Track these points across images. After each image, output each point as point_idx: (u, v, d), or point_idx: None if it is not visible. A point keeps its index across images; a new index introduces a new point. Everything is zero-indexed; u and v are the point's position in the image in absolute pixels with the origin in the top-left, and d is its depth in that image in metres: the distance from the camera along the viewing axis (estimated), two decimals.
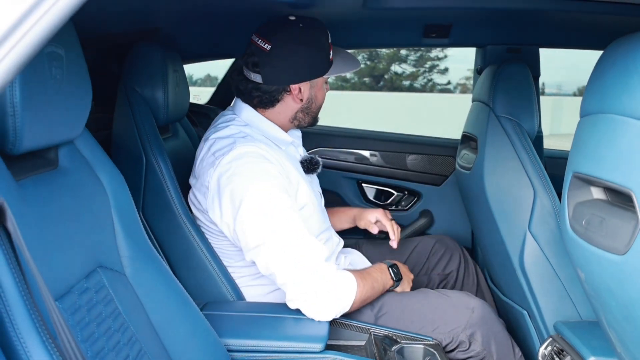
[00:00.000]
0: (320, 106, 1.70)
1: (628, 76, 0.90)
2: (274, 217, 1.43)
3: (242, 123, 1.61)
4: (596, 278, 0.98)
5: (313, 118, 1.70)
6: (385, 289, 1.59)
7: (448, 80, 11.58)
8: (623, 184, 0.88)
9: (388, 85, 11.97)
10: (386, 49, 11.26)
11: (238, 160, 1.47)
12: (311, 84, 1.62)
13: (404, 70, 11.75)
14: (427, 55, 11.29)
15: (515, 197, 1.65)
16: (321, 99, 1.68)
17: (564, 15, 1.90)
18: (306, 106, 1.64)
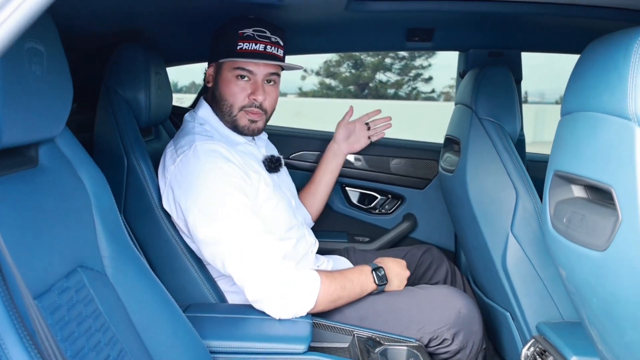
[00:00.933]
0: (225, 99, 1.62)
1: (607, 75, 0.91)
2: (228, 215, 1.43)
3: (201, 121, 1.65)
4: (577, 275, 0.99)
5: (225, 114, 1.63)
6: (364, 292, 1.57)
7: (432, 89, 11.69)
8: (603, 180, 0.89)
9: (373, 93, 12.05)
10: (371, 57, 11.33)
11: (196, 158, 1.49)
12: (216, 69, 1.65)
13: (388, 79, 11.84)
14: (412, 64, 11.38)
15: (497, 199, 1.67)
16: (225, 90, 1.61)
17: (544, 20, 1.92)
18: (214, 93, 1.65)
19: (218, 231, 1.43)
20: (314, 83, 12.06)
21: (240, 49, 1.57)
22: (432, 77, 11.45)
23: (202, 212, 1.45)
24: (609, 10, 1.67)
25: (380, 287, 1.59)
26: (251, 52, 1.57)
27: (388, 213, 2.43)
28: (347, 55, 11.30)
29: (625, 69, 0.87)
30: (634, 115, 0.84)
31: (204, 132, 1.59)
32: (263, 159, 1.68)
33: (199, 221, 1.45)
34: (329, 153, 2.11)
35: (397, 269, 1.66)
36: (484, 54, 2.19)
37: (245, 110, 1.62)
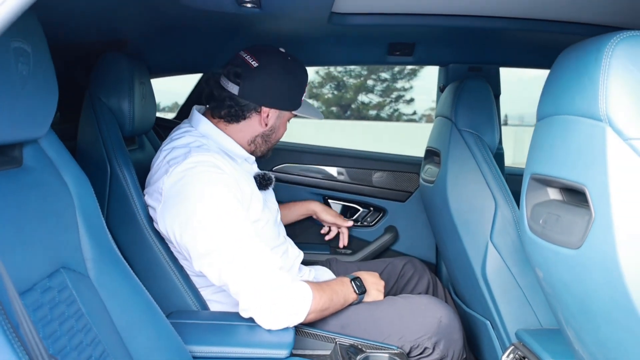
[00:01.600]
0: (278, 140, 1.75)
1: (579, 79, 0.95)
2: (226, 224, 1.43)
3: (198, 134, 1.63)
4: (553, 274, 1.02)
5: (268, 149, 1.74)
6: (347, 302, 1.59)
7: (414, 111, 11.82)
8: (577, 180, 0.93)
9: (355, 115, 12.14)
10: (353, 79, 11.44)
11: (192, 168, 1.48)
12: (279, 114, 1.66)
13: (370, 100, 11.94)
14: (394, 86, 11.51)
15: (477, 208, 1.69)
16: (281, 133, 1.73)
17: (521, 35, 1.97)
18: (267, 134, 1.68)
19: (214, 242, 1.42)
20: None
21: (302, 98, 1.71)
22: (413, 99, 11.58)
23: (200, 222, 1.44)
24: (582, 27, 1.73)
25: (360, 297, 1.61)
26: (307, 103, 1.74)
27: (370, 225, 2.45)
28: (330, 76, 11.39)
29: (596, 72, 0.90)
30: (604, 116, 0.88)
31: (202, 145, 1.59)
32: (254, 175, 1.69)
33: (194, 232, 1.44)
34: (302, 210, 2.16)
35: (372, 279, 1.69)
36: (463, 69, 2.24)
37: None
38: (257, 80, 1.59)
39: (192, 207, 1.45)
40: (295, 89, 1.65)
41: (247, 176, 1.64)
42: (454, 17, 1.78)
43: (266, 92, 1.61)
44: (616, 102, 0.87)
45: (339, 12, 1.72)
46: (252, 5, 1.45)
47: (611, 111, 0.87)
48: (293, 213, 2.14)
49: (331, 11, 1.68)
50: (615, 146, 0.86)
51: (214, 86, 1.63)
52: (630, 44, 0.90)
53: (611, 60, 0.89)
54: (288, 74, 1.62)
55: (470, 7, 1.71)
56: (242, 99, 1.60)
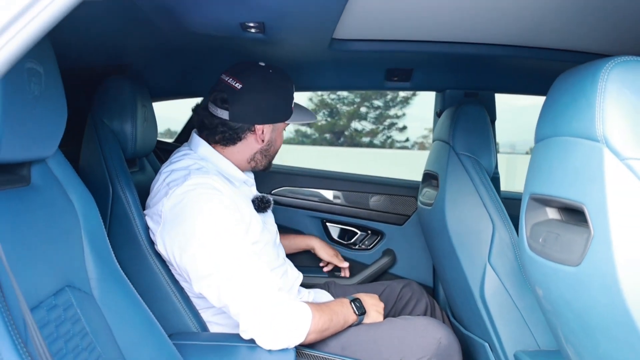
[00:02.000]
0: (277, 150, 1.76)
1: (577, 102, 0.98)
2: (225, 246, 1.44)
3: (197, 157, 1.65)
4: (553, 291, 1.04)
5: (269, 162, 1.76)
6: (347, 323, 1.59)
7: (407, 138, 11.90)
8: (575, 199, 0.95)
9: (348, 142, 12.20)
10: (346, 106, 11.54)
11: (191, 191, 1.49)
12: (273, 127, 1.68)
13: (363, 127, 12.02)
14: (386, 113, 11.60)
15: (475, 230, 1.71)
16: (279, 144, 1.75)
17: (516, 62, 2.02)
18: (266, 148, 1.69)
19: (216, 262, 1.43)
20: (289, 131, 12.20)
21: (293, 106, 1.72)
22: (406, 126, 11.66)
23: (199, 243, 1.45)
24: (574, 54, 1.78)
25: (360, 318, 1.62)
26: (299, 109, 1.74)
27: (368, 248, 2.47)
28: (323, 103, 11.47)
29: (593, 95, 0.94)
30: (602, 137, 0.91)
31: (201, 168, 1.60)
32: (253, 198, 1.71)
33: (194, 254, 1.45)
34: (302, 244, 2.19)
35: (372, 300, 1.70)
36: (460, 94, 2.29)
37: None
38: (245, 101, 1.60)
39: (192, 228, 1.46)
40: (284, 100, 1.67)
41: (245, 199, 1.66)
42: (450, 44, 1.82)
43: (256, 111, 1.63)
44: (612, 124, 0.90)
45: (339, 38, 1.76)
46: (256, 30, 1.48)
47: (608, 132, 0.90)
48: (292, 246, 2.15)
49: (332, 37, 1.72)
50: (612, 165, 0.89)
51: (204, 115, 1.65)
52: (624, 68, 0.93)
53: (607, 84, 0.92)
54: (274, 87, 1.64)
55: (467, 35, 1.75)
56: (233, 122, 1.62)
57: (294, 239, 2.18)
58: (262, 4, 1.28)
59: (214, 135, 1.65)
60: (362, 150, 11.66)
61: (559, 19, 1.56)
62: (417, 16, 1.57)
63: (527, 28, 1.66)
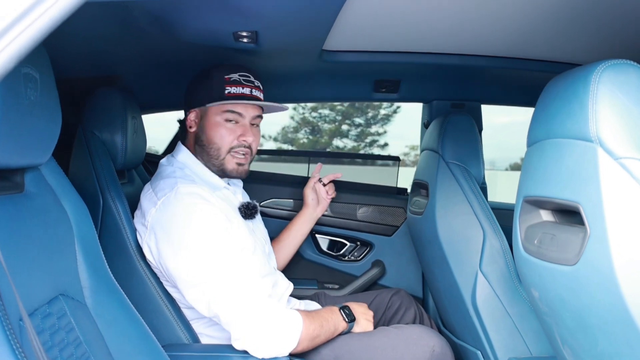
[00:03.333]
0: (213, 142, 1.64)
1: (570, 104, 1.00)
2: (214, 254, 1.44)
3: (180, 165, 1.66)
4: (550, 292, 1.04)
5: (211, 157, 1.65)
6: (337, 331, 1.58)
7: (388, 155, 11.97)
8: (570, 199, 0.96)
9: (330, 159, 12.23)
10: (328, 124, 11.60)
11: (179, 200, 1.49)
12: (201, 113, 1.66)
13: (345, 145, 12.09)
14: (368, 131, 11.69)
15: (466, 238, 1.72)
16: (212, 133, 1.63)
17: (502, 73, 2.05)
18: (198, 137, 1.66)
19: (205, 271, 1.43)
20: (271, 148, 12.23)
21: (228, 92, 1.61)
22: (387, 143, 11.76)
23: (188, 253, 1.45)
24: (558, 65, 1.81)
25: (350, 325, 1.61)
26: (239, 95, 1.62)
27: (357, 260, 2.46)
28: (305, 121, 11.52)
29: (586, 97, 0.96)
30: (595, 137, 0.92)
31: (185, 176, 1.61)
32: (239, 206, 1.70)
33: (182, 263, 1.45)
34: (304, 217, 2.11)
35: (361, 309, 1.69)
36: (446, 105, 2.31)
37: (232, 152, 1.64)
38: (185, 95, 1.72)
39: (180, 237, 1.46)
40: (209, 85, 1.63)
41: (231, 206, 1.65)
42: (437, 55, 1.85)
43: (186, 98, 1.70)
44: (605, 124, 0.92)
45: (329, 50, 1.78)
46: (248, 40, 1.49)
47: (601, 133, 0.92)
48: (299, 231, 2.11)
49: (322, 48, 1.74)
50: (606, 165, 0.90)
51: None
52: (615, 71, 0.96)
53: (599, 86, 0.95)
54: (201, 75, 1.67)
55: (453, 46, 1.78)
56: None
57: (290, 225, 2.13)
58: (256, 13, 1.28)
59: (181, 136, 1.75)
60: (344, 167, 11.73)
61: (545, 31, 1.59)
62: (405, 28, 1.59)
63: (513, 39, 1.68)
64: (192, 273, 1.44)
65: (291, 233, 2.11)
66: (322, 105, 10.95)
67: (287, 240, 2.10)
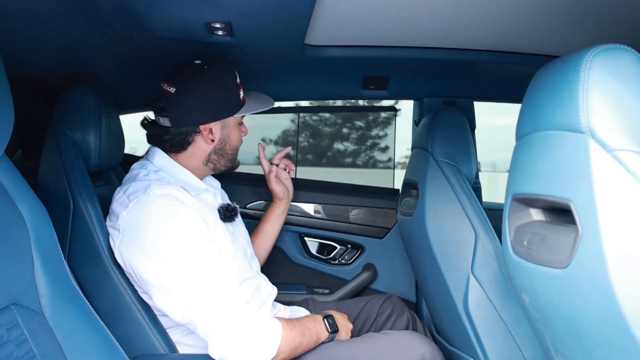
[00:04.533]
0: (235, 148, 1.66)
1: (559, 94, 0.92)
2: (188, 258, 1.37)
3: (155, 168, 1.58)
4: (540, 297, 0.96)
5: (230, 160, 1.66)
6: (319, 340, 1.52)
7: (389, 157, 11.93)
8: (561, 195, 0.88)
9: (331, 162, 12.25)
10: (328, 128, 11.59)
11: (152, 202, 1.42)
12: (222, 124, 1.60)
13: (346, 148, 12.08)
14: (368, 134, 11.67)
15: (457, 240, 1.65)
16: (236, 140, 1.65)
17: (494, 69, 1.98)
18: (219, 147, 1.61)
19: (179, 276, 1.36)
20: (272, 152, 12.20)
21: (242, 97, 1.62)
22: (388, 146, 11.72)
23: (157, 257, 1.38)
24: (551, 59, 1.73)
25: (332, 335, 1.55)
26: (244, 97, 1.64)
27: (348, 263, 2.38)
28: (305, 125, 11.48)
29: (576, 86, 0.88)
30: (587, 128, 0.85)
31: (160, 179, 1.54)
32: (218, 208, 1.63)
33: (155, 267, 1.38)
34: (279, 210, 1.97)
35: (343, 321, 1.64)
36: (438, 102, 2.23)
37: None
38: (182, 104, 1.54)
39: (152, 241, 1.39)
40: (226, 94, 1.57)
41: (210, 209, 1.58)
42: (427, 50, 1.78)
43: (195, 112, 1.55)
44: (597, 114, 0.85)
45: (312, 44, 1.71)
46: (223, 32, 1.42)
47: (593, 123, 0.84)
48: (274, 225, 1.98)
49: (305, 43, 1.66)
50: (599, 158, 0.82)
51: (149, 127, 1.62)
52: (607, 56, 0.88)
53: (590, 72, 0.87)
54: (209, 85, 1.55)
55: (443, 40, 1.71)
56: (177, 128, 1.56)
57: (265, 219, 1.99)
58: (227, 2, 1.21)
59: (164, 145, 1.59)
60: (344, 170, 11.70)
61: (538, 23, 1.52)
62: (392, 21, 1.52)
63: (502, 32, 1.62)
64: (166, 279, 1.37)
65: (265, 228, 1.98)
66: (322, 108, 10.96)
67: (261, 239, 1.98)
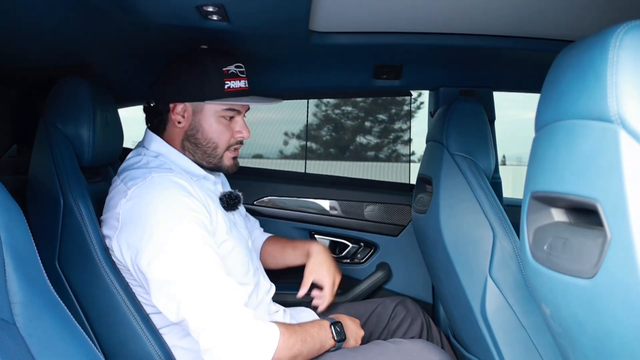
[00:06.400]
0: (210, 140, 1.51)
1: (584, 77, 0.80)
2: (187, 252, 1.29)
3: (153, 154, 1.51)
4: (563, 310, 0.85)
5: (207, 154, 1.52)
6: (324, 348, 1.42)
7: (413, 151, 11.85)
8: (586, 194, 0.77)
9: (353, 156, 12.25)
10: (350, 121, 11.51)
11: (152, 190, 1.35)
12: (194, 108, 1.50)
13: (368, 141, 12.03)
14: (391, 127, 11.59)
15: (473, 240, 1.53)
16: (211, 131, 1.50)
17: (514, 56, 1.86)
18: (190, 134, 1.51)
19: (175, 270, 1.28)
20: (295, 146, 12.18)
21: (228, 88, 1.47)
22: (411, 139, 11.65)
23: (158, 248, 1.30)
24: None
25: (339, 344, 1.45)
26: (239, 90, 1.49)
27: (360, 262, 2.28)
28: (327, 118, 11.45)
29: (603, 68, 0.76)
30: (616, 116, 0.72)
31: (161, 165, 1.46)
32: (220, 196, 1.55)
33: (155, 259, 1.29)
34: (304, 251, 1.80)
35: (353, 327, 1.54)
36: (454, 93, 2.11)
37: (230, 148, 1.54)
38: (161, 82, 1.52)
39: (151, 231, 1.31)
40: (200, 77, 1.46)
41: (212, 197, 1.51)
42: (442, 36, 1.67)
43: (167, 89, 1.50)
44: (629, 100, 0.72)
45: (318, 31, 1.61)
46: (218, 17, 1.32)
47: (624, 110, 0.72)
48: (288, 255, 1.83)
49: (310, 29, 1.56)
50: (630, 150, 0.70)
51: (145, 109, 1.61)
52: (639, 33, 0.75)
53: (619, 52, 0.74)
54: (192, 63, 1.48)
55: (460, 25, 1.60)
56: (155, 104, 1.54)
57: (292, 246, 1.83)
58: None
59: (152, 125, 1.56)
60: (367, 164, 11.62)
61: (562, 5, 1.40)
62: (402, 4, 1.41)
63: (526, 16, 1.50)
64: (162, 270, 1.29)
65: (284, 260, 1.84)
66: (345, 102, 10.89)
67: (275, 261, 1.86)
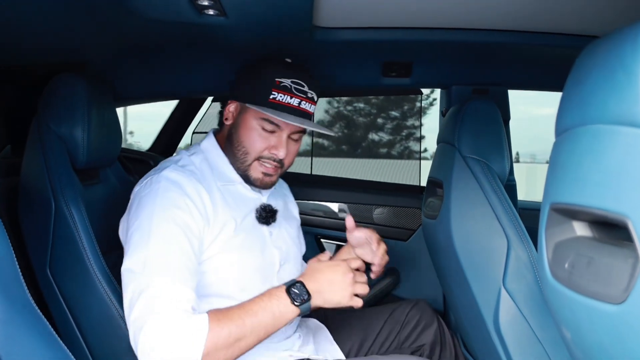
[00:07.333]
0: (242, 144, 1.44)
1: (612, 76, 0.71)
2: (150, 244, 1.22)
3: (193, 151, 1.48)
4: (586, 337, 0.76)
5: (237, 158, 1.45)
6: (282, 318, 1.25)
7: (425, 148, 11.82)
8: (615, 209, 0.68)
9: (366, 153, 12.24)
10: (362, 118, 11.43)
11: (156, 183, 1.33)
12: (242, 108, 1.45)
13: (380, 138, 12.00)
14: (404, 124, 11.55)
15: (486, 248, 1.45)
16: (245, 135, 1.44)
17: (530, 53, 1.77)
18: (231, 132, 1.47)
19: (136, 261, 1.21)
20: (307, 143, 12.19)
21: (273, 99, 1.39)
22: (424, 136, 11.64)
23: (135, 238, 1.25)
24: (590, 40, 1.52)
25: (303, 307, 1.26)
26: (283, 105, 1.40)
27: (368, 268, 2.20)
28: (340, 115, 11.40)
29: (635, 65, 0.67)
30: None
31: (187, 164, 1.42)
32: (257, 207, 1.48)
33: (130, 248, 1.25)
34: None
35: (331, 275, 1.32)
36: (467, 91, 2.02)
37: (261, 160, 1.44)
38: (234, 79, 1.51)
39: (138, 221, 1.27)
40: (255, 84, 1.41)
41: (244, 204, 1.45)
42: (454, 32, 1.59)
43: (232, 87, 1.50)
44: None
45: (323, 26, 1.53)
46: (214, 12, 1.25)
47: None
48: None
49: (314, 24, 1.49)
50: None
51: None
52: None
53: None
54: (255, 68, 1.44)
55: (471, 20, 1.52)
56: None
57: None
58: None
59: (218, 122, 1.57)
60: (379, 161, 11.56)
61: None
62: None
63: (543, 10, 1.41)
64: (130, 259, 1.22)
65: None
66: (357, 99, 10.84)
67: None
